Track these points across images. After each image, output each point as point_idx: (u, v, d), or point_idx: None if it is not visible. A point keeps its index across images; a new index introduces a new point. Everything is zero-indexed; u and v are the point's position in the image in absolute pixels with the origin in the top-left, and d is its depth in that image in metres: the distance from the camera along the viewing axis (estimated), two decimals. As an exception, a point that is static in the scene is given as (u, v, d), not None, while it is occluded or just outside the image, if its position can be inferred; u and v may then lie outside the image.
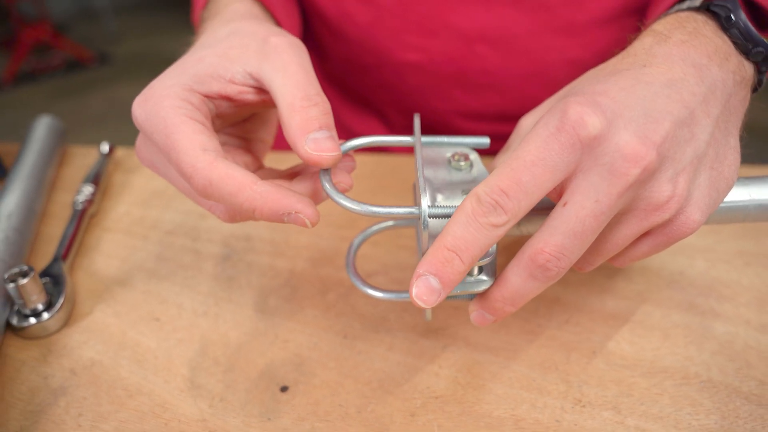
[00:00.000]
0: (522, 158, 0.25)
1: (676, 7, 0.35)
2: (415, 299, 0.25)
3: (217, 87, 0.29)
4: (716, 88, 0.29)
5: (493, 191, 0.25)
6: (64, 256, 0.40)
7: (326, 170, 0.28)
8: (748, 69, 0.32)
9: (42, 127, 0.52)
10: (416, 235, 0.29)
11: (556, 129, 0.25)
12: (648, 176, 0.26)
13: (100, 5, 3.71)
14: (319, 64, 0.63)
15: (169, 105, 0.28)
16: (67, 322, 0.37)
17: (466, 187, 0.30)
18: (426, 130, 0.60)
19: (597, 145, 0.25)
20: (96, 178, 0.48)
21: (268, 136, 0.35)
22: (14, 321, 0.35)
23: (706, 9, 0.33)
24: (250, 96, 0.30)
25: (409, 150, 0.62)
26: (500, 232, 0.25)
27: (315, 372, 0.33)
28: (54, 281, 0.37)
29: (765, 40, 0.31)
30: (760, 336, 0.36)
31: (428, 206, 0.26)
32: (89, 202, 0.45)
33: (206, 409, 0.31)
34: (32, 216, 0.43)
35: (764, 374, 0.34)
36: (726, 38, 0.31)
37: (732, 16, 0.31)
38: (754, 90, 0.33)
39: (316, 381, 0.33)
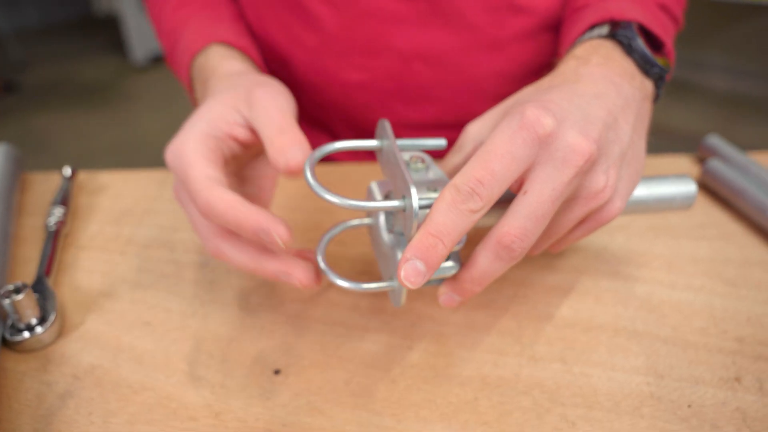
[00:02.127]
0: (492, 152, 0.29)
1: (588, 35, 0.43)
2: (404, 281, 0.28)
3: (226, 129, 0.35)
4: (630, 101, 0.36)
5: (470, 180, 0.28)
6: (47, 274, 0.42)
7: (312, 164, 0.31)
8: (648, 86, 0.40)
9: (0, 155, 0.53)
10: (402, 224, 0.32)
11: (518, 127, 0.30)
12: (590, 167, 0.32)
13: (1, 33, 3.55)
14: None
15: (190, 148, 0.34)
16: (60, 333, 0.39)
17: (428, 185, 0.33)
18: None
19: (551, 142, 0.30)
20: (64, 200, 0.49)
21: (272, 171, 0.40)
22: (9, 336, 0.37)
23: (612, 37, 0.40)
24: (248, 137, 0.36)
25: (355, 157, 0.67)
26: (476, 217, 0.29)
27: (303, 355, 0.37)
28: (43, 297, 0.39)
29: (659, 63, 0.39)
30: (671, 292, 0.43)
31: (418, 197, 0.30)
32: (62, 222, 0.47)
33: (209, 396, 0.35)
34: (7, 238, 0.44)
35: (676, 321, 0.41)
36: (630, 61, 0.39)
37: (632, 43, 0.39)
38: (654, 101, 0.41)
39: (305, 362, 0.37)
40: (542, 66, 0.61)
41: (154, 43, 3.41)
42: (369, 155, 0.66)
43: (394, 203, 0.30)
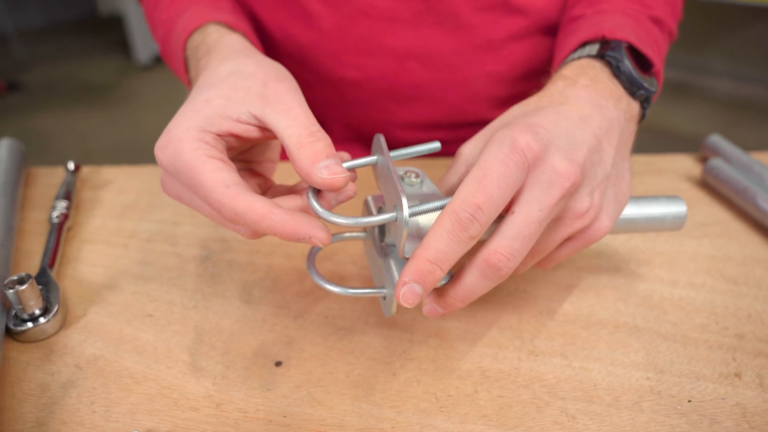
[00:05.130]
0: (488, 176, 0.29)
1: (579, 52, 0.43)
2: (401, 302, 0.29)
3: (226, 126, 0.32)
4: (614, 123, 0.36)
5: (470, 207, 0.29)
6: (51, 266, 0.42)
7: (314, 191, 0.32)
8: (634, 107, 0.40)
9: (4, 149, 0.53)
10: (393, 236, 0.32)
11: (510, 151, 0.30)
12: (574, 190, 0.32)
13: (6, 31, 3.56)
14: None
15: (189, 148, 0.31)
16: (63, 324, 0.39)
17: (422, 198, 0.34)
18: (365, 140, 0.65)
19: (538, 165, 0.31)
20: (67, 194, 0.50)
21: (274, 155, 0.39)
22: (12, 326, 0.37)
23: (601, 57, 0.41)
24: (254, 133, 0.33)
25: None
26: (474, 242, 0.30)
27: (304, 347, 0.38)
28: (46, 288, 0.40)
29: (645, 85, 0.40)
30: (672, 289, 0.43)
31: (408, 207, 0.29)
32: (65, 216, 0.47)
33: (210, 386, 0.35)
34: (10, 232, 0.45)
35: (677, 317, 0.41)
36: (617, 83, 0.40)
37: (620, 66, 0.39)
38: (639, 121, 0.41)
39: (306, 355, 0.37)
40: (535, 67, 0.61)
41: (158, 44, 3.41)
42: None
43: (384, 217, 0.30)
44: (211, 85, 0.34)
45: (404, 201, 0.29)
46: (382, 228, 0.36)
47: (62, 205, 0.48)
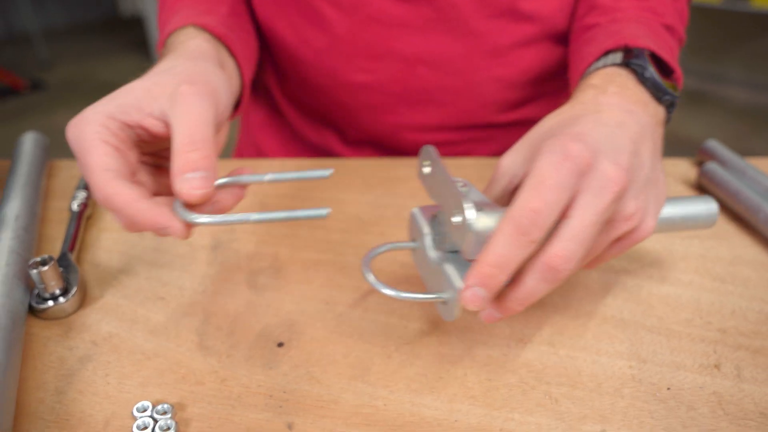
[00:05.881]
0: (544, 183, 0.31)
1: (602, 61, 0.45)
2: (467, 305, 0.31)
3: (136, 117, 0.34)
4: (646, 128, 0.38)
5: (529, 212, 0.30)
6: (71, 250, 0.45)
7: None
8: (660, 112, 0.42)
9: (29, 142, 0.56)
10: (455, 241, 0.34)
11: (562, 159, 0.31)
12: (623, 193, 0.33)
13: (30, 32, 3.64)
14: (278, 84, 0.69)
15: (90, 130, 0.33)
16: (81, 304, 0.42)
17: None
18: (375, 143, 0.68)
19: (589, 172, 0.32)
20: (87, 185, 0.52)
21: None
22: (35, 304, 0.40)
23: (626, 65, 0.42)
24: (162, 130, 0.34)
25: (360, 153, 0.69)
26: (534, 246, 0.31)
27: (305, 331, 0.40)
28: (66, 270, 0.42)
29: (670, 90, 0.41)
30: (660, 286, 0.45)
31: (474, 212, 0.31)
32: (84, 205, 0.50)
33: (216, 363, 0.37)
34: (34, 219, 0.48)
35: (663, 312, 0.42)
36: (644, 89, 0.41)
37: (645, 73, 0.41)
38: (664, 126, 0.43)
39: (306, 337, 0.39)
40: (542, 73, 0.63)
41: (177, 45, 3.47)
42: (369, 153, 0.69)
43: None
44: (140, 79, 0.36)
45: (466, 205, 0.31)
46: (437, 236, 0.37)
47: (82, 195, 0.51)
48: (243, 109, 0.52)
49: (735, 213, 0.54)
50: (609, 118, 0.36)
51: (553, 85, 0.67)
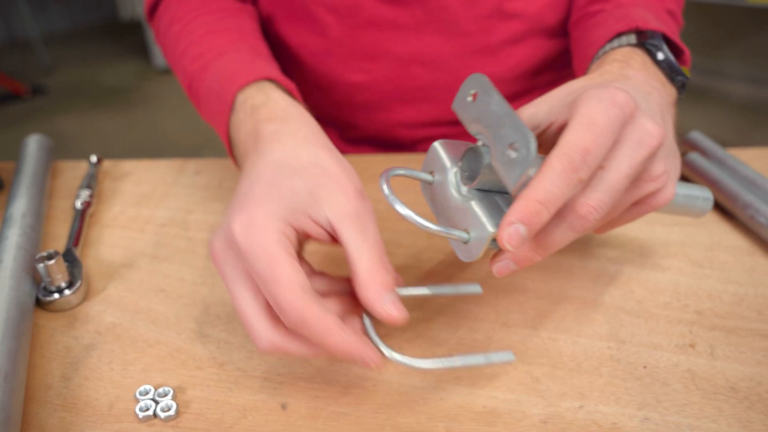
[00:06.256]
0: (594, 124, 0.30)
1: (617, 41, 0.46)
2: (506, 244, 0.29)
3: (304, 224, 0.33)
4: (666, 103, 0.39)
5: (580, 149, 0.29)
6: (75, 245, 0.47)
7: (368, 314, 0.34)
8: (673, 93, 0.43)
9: (34, 144, 0.58)
10: (503, 176, 0.31)
11: (611, 104, 0.31)
12: (657, 151, 0.33)
13: (30, 37, 3.67)
14: None
15: (273, 238, 0.31)
16: (86, 297, 0.44)
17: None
18: (372, 139, 0.70)
19: (630, 122, 0.32)
20: (90, 184, 0.55)
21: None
22: (41, 296, 0.42)
23: (641, 45, 0.43)
24: (324, 239, 0.34)
25: (373, 149, 0.71)
26: (581, 186, 0.30)
27: (299, 318, 0.42)
28: (71, 265, 0.44)
29: (683, 71, 0.43)
30: (640, 270, 0.47)
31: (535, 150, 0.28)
32: (88, 203, 0.52)
33: (214, 350, 0.39)
34: (40, 217, 0.50)
35: (641, 296, 0.44)
36: (658, 70, 0.42)
37: (659, 52, 0.42)
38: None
39: (300, 324, 0.41)
40: (532, 67, 0.65)
41: (176, 48, 3.49)
42: (370, 149, 0.71)
43: (463, 234, 0.33)
44: (293, 171, 0.34)
45: (532, 139, 0.28)
46: (466, 172, 0.35)
47: (86, 193, 0.53)
48: None
49: (716, 201, 0.55)
50: (637, 86, 0.37)
51: (543, 79, 0.69)
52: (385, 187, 0.33)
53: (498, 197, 0.34)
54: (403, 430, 0.34)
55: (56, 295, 0.42)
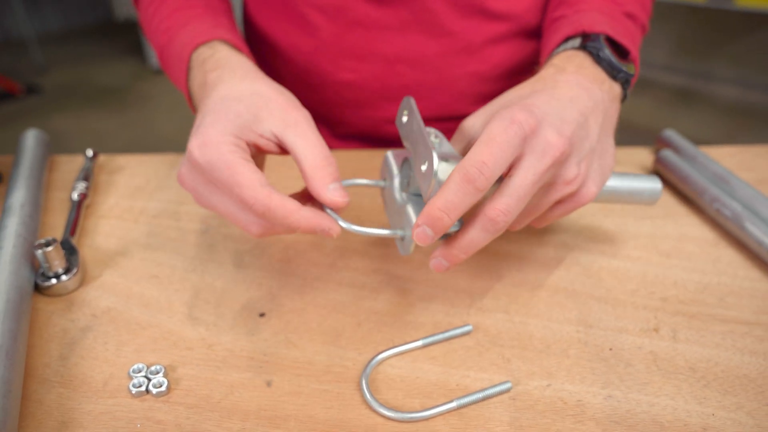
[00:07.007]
0: (492, 140, 0.35)
1: (563, 46, 0.49)
2: (416, 241, 0.36)
3: (252, 138, 0.39)
4: (599, 103, 0.42)
5: (477, 163, 0.34)
6: (72, 234, 0.49)
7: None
8: (616, 89, 0.46)
9: (31, 138, 0.60)
10: (420, 187, 0.38)
11: (510, 123, 0.35)
12: (564, 159, 0.37)
13: (25, 36, 3.67)
14: None
15: (227, 150, 0.37)
16: (82, 283, 0.46)
17: (442, 156, 0.38)
18: (360, 135, 0.72)
19: (533, 137, 0.36)
20: (86, 177, 0.57)
21: (262, 168, 0.44)
22: (40, 282, 0.44)
23: (583, 48, 0.47)
24: (273, 149, 0.40)
25: (361, 145, 0.73)
26: (479, 195, 0.34)
27: (284, 303, 0.44)
28: (68, 252, 0.46)
29: (624, 68, 0.46)
30: (611, 260, 0.49)
31: (438, 162, 0.36)
32: (84, 195, 0.54)
33: (203, 332, 0.41)
34: (38, 207, 0.52)
35: (611, 284, 0.47)
36: (599, 69, 0.45)
37: (600, 53, 0.46)
38: (622, 101, 0.47)
39: (285, 309, 0.44)
40: (514, 67, 0.68)
41: (171, 48, 3.50)
42: (362, 145, 0.73)
43: (396, 232, 0.40)
44: (236, 99, 0.40)
45: (435, 156, 0.35)
46: (404, 179, 0.42)
47: (82, 185, 0.55)
48: None
49: (685, 195, 0.58)
50: (563, 93, 0.41)
51: (523, 78, 0.71)
52: (329, 209, 0.39)
53: None
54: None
55: (54, 281, 0.44)
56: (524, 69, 0.69)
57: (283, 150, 0.40)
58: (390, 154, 0.44)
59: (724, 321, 0.43)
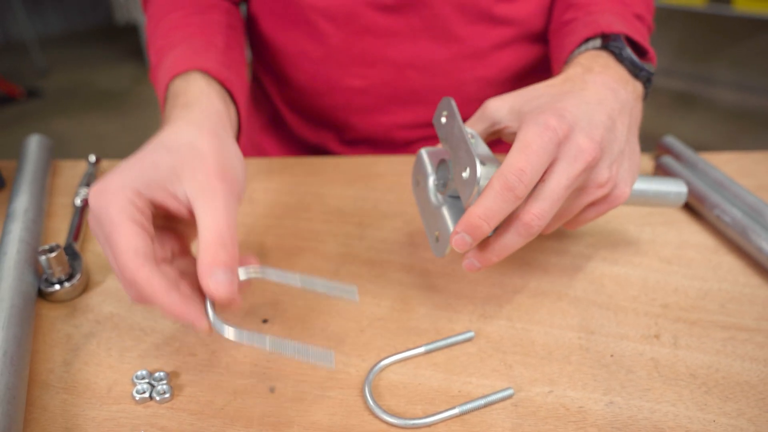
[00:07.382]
0: (529, 147, 0.35)
1: (584, 46, 0.50)
2: (454, 247, 0.37)
3: (160, 197, 0.35)
4: (625, 104, 0.43)
5: (515, 170, 0.35)
6: (75, 240, 0.49)
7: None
8: (639, 87, 0.47)
9: (34, 144, 0.61)
10: (460, 191, 0.38)
11: (544, 129, 0.36)
12: (595, 163, 0.38)
13: (26, 39, 3.68)
14: (278, 91, 0.75)
15: (117, 206, 0.34)
16: (85, 288, 0.46)
17: (480, 159, 0.37)
18: (369, 141, 0.73)
19: (566, 143, 0.37)
20: (89, 182, 0.57)
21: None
22: (43, 288, 0.44)
23: (605, 48, 0.48)
24: (184, 214, 0.36)
25: (354, 151, 0.74)
26: (519, 202, 0.35)
27: (287, 309, 0.44)
28: (72, 258, 0.47)
29: (645, 66, 0.47)
30: (612, 267, 0.50)
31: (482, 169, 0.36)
32: (86, 200, 0.54)
33: (207, 338, 0.42)
34: (41, 212, 0.52)
35: (612, 290, 0.47)
36: (623, 68, 0.46)
37: (622, 53, 0.46)
38: (644, 99, 0.48)
39: (288, 315, 0.44)
40: (520, 71, 0.69)
41: (172, 52, 3.51)
42: (357, 149, 0.73)
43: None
44: (166, 148, 0.37)
45: (479, 165, 0.35)
46: (440, 180, 0.41)
47: (85, 191, 0.55)
48: (239, 141, 0.51)
49: (687, 202, 0.58)
50: (591, 95, 0.41)
51: (531, 81, 0.71)
52: (211, 314, 0.36)
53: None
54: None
55: (57, 287, 0.44)
56: (529, 73, 0.70)
57: (192, 216, 0.36)
58: (424, 152, 0.44)
59: (725, 327, 0.43)
